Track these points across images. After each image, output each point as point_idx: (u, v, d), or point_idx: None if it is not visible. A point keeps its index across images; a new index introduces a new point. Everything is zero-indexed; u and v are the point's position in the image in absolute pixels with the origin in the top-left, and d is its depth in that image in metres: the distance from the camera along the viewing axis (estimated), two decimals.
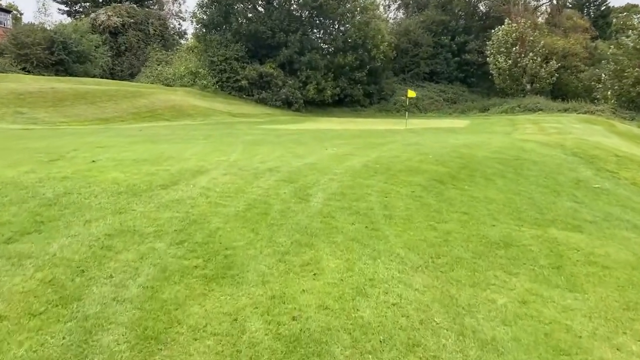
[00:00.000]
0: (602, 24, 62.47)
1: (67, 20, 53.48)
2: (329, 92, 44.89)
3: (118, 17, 49.77)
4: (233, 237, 6.14)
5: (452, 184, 9.10)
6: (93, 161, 9.92)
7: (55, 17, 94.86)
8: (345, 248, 6.04)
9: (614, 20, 68.52)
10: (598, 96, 43.30)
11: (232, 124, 28.63)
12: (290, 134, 19.34)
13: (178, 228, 6.28)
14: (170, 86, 43.39)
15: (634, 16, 77.77)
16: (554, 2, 56.18)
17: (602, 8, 63.83)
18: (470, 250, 6.34)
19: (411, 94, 29.21)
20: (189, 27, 51.53)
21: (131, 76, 49.48)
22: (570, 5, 62.35)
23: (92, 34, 47.61)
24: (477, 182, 9.47)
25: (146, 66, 49.16)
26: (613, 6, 67.74)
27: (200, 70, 43.82)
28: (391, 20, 60.33)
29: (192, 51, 48.19)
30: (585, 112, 38.86)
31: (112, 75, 49.19)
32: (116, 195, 7.35)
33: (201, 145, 13.64)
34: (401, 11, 61.65)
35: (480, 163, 10.91)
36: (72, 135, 16.65)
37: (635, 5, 77.46)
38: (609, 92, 41.34)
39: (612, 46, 42.94)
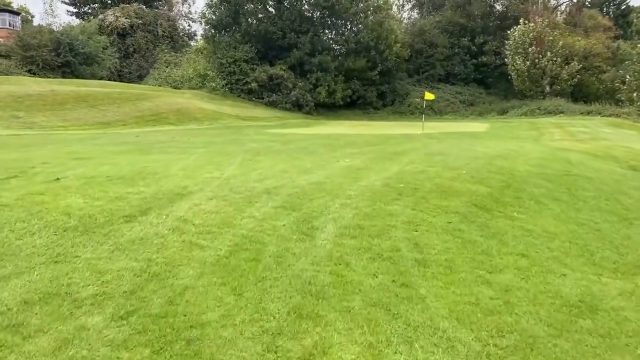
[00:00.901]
0: (623, 23, 59.71)
1: (75, 22, 52.22)
2: (339, 94, 42.92)
3: (126, 18, 48.37)
4: (205, 303, 4.24)
5: (498, 211, 7.15)
6: (57, 179, 8.11)
7: (64, 18, 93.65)
8: (366, 321, 4.12)
9: (635, 20, 65.87)
10: (622, 98, 40.89)
11: (239, 129, 26.85)
12: (298, 140, 17.46)
13: (130, 288, 4.40)
14: (179, 88, 41.78)
15: None
16: (574, 0, 53.74)
17: (623, 7, 61.09)
18: (543, 320, 4.38)
19: (429, 96, 27.18)
20: (199, 29, 49.91)
21: (139, 78, 48.01)
22: (589, 5, 59.78)
23: (100, 35, 46.26)
24: (527, 207, 7.49)
25: (155, 68, 47.64)
26: (633, 5, 65.03)
27: (208, 72, 42.10)
28: (405, 20, 58.30)
29: (201, 53, 46.55)
30: (610, 115, 36.59)
31: (120, 77, 47.76)
32: (61, 232, 5.51)
33: (196, 156, 11.79)
34: (415, 11, 59.58)
35: (524, 180, 8.93)
36: (56, 144, 14.89)
37: None
38: (635, 94, 38.92)
39: (638, 45, 40.48)
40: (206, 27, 44.63)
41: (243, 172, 9.04)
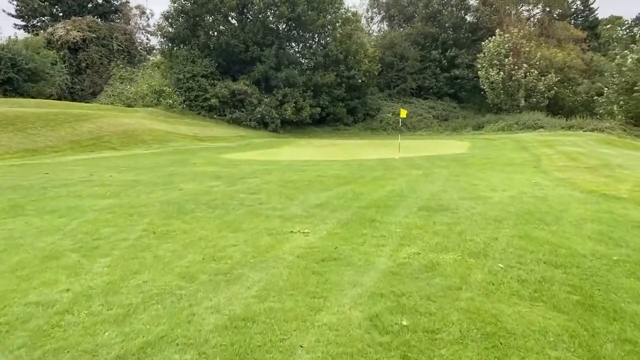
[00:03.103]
0: (591, 35, 57.63)
1: (24, 36, 47.00)
2: (306, 112, 38.86)
3: (78, 31, 43.51)
4: None
5: None
6: None
7: (10, 32, 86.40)
8: None
9: (602, 32, 64.01)
10: (601, 111, 37.99)
11: (191, 153, 22.56)
12: (251, 175, 13.32)
13: None
14: (132, 107, 37.17)
15: (619, 28, 73.73)
16: (546, 11, 50.98)
17: (590, 19, 58.93)
18: None
19: (403, 113, 23.33)
20: (157, 42, 44.99)
21: (93, 95, 43.18)
22: (557, 17, 57.49)
23: (49, 49, 41.35)
24: None
25: (108, 84, 42.88)
26: (599, 18, 63.06)
27: (165, 88, 37.60)
28: (375, 33, 54.75)
29: (158, 67, 41.95)
30: (592, 130, 33.47)
31: (71, 94, 42.89)
32: None
33: (77, 223, 7.56)
34: (385, 23, 56.03)
35: (608, 283, 4.92)
36: None
37: (619, 17, 73.43)
38: (615, 107, 36.01)
39: (618, 56, 37.69)
40: (162, 40, 40.24)
41: (109, 283, 4.82)
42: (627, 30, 71.23)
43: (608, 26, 71.30)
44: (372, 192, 10.40)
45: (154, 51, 48.55)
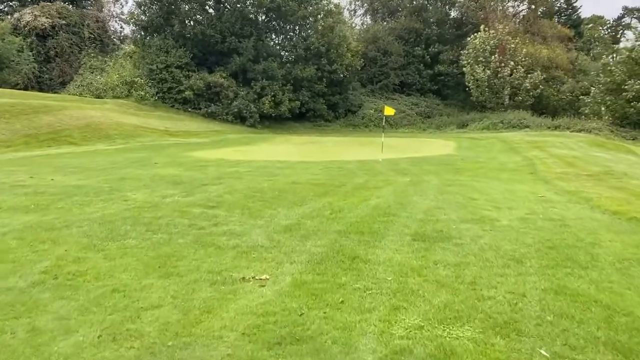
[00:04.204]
0: (574, 34, 56.57)
1: None
2: (285, 106, 36.78)
3: (47, 17, 40.62)
4: None
5: None
6: None
7: None
8: None
9: (584, 31, 63.01)
10: (587, 111, 36.73)
11: (157, 150, 20.50)
12: (215, 182, 11.38)
13: None
14: (101, 98, 34.68)
15: (600, 28, 73.01)
16: (532, 8, 49.57)
17: (574, 17, 57.82)
18: None
19: (389, 111, 21.43)
20: (130, 31, 42.06)
21: (62, 85, 40.43)
22: (540, 14, 56.21)
23: (16, 36, 38.56)
24: None
25: (78, 74, 40.21)
26: (582, 17, 62.04)
27: (136, 79, 35.18)
28: (358, 27, 52.78)
29: (130, 57, 39.38)
30: (579, 130, 32.15)
31: (39, 84, 40.10)
32: None
33: None
34: (368, 17, 54.06)
35: None
36: None
37: (601, 17, 72.72)
38: (602, 108, 34.77)
39: (603, 56, 36.46)
40: (135, 29, 37.76)
41: None
42: (609, 30, 70.63)
43: (590, 25, 70.47)
44: (354, 207, 8.60)
45: (127, 40, 45.85)
